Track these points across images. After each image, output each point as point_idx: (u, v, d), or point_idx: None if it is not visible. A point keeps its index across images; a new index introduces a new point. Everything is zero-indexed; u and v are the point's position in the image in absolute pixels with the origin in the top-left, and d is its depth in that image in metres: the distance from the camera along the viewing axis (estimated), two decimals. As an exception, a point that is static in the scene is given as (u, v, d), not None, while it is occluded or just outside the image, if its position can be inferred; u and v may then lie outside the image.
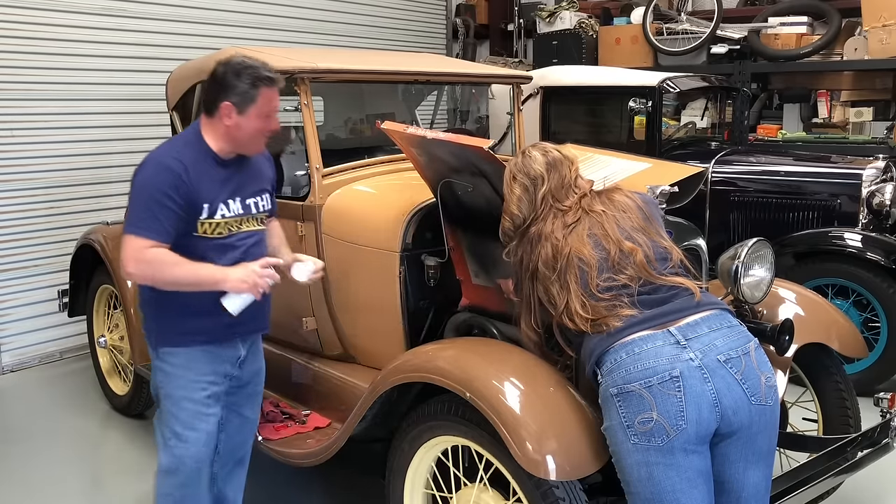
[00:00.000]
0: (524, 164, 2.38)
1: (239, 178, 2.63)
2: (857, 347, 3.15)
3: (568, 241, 2.21)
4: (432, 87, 4.76)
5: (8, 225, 5.17)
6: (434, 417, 2.49)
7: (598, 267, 2.17)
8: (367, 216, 3.16)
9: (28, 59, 5.13)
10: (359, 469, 3.58)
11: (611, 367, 2.07)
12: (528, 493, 2.24)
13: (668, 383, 1.97)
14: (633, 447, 2.01)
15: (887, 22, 6.07)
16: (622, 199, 2.32)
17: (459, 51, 8.83)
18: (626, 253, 2.18)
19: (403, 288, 3.00)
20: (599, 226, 2.23)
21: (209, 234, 2.53)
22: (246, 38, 6.25)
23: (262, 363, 2.89)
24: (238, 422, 2.83)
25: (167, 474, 2.66)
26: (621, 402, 2.02)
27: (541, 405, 2.27)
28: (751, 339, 2.12)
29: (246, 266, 2.48)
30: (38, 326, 5.37)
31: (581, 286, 2.16)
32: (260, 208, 2.69)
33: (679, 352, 2.01)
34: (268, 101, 2.53)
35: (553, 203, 2.31)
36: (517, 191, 2.35)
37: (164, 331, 2.62)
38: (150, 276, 2.47)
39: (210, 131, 2.57)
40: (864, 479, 3.01)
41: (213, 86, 2.54)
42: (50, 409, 4.66)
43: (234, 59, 2.53)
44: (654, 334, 2.06)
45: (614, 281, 2.15)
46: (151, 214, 2.42)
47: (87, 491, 3.69)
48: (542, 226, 2.28)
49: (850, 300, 4.52)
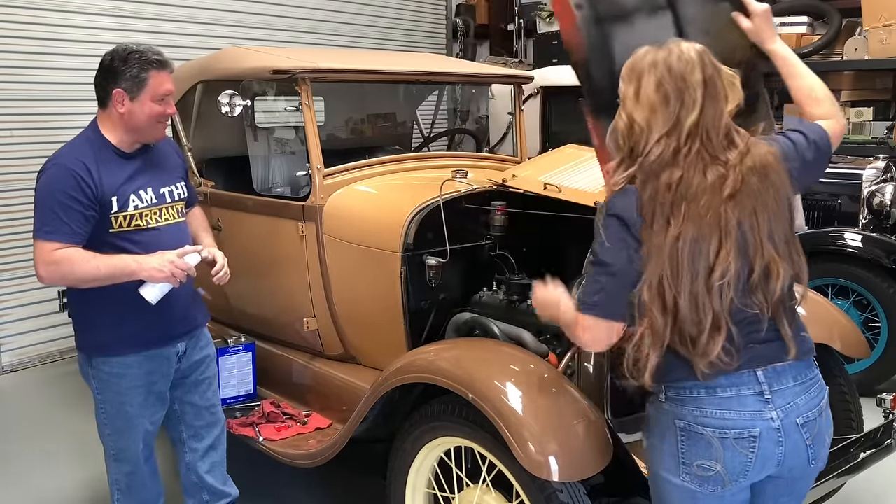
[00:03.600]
0: (675, 63, 1.73)
1: (147, 168, 2.60)
2: (859, 348, 3.15)
3: (720, 224, 1.68)
4: (433, 87, 4.76)
5: (8, 225, 5.17)
6: (436, 418, 2.49)
7: (735, 286, 1.71)
8: (369, 216, 3.16)
9: (28, 59, 5.12)
10: (360, 470, 3.58)
11: (684, 397, 1.80)
12: (530, 495, 2.24)
13: (745, 441, 1.76)
14: (681, 482, 1.83)
15: (887, 22, 6.07)
16: (777, 176, 1.74)
17: (459, 51, 8.82)
18: (770, 275, 1.73)
19: (405, 288, 3.00)
20: (752, 215, 1.71)
21: (126, 226, 2.50)
22: (246, 38, 6.25)
23: (208, 352, 2.85)
24: (191, 410, 2.83)
25: (114, 460, 2.74)
26: (685, 438, 1.80)
27: (543, 406, 2.27)
28: (825, 392, 1.90)
29: (163, 254, 2.45)
30: (38, 326, 5.37)
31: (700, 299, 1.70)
32: (175, 196, 2.66)
33: (762, 407, 1.77)
34: (159, 83, 2.50)
35: (704, 146, 1.71)
36: (650, 92, 1.73)
37: (96, 340, 2.59)
38: (62, 277, 2.44)
39: (107, 124, 2.55)
40: (866, 480, 3.00)
41: (102, 75, 2.52)
42: (50, 409, 4.65)
43: (120, 46, 2.51)
44: (740, 376, 1.77)
45: (744, 313, 1.75)
46: (56, 217, 2.40)
47: (86, 491, 3.69)
48: (688, 175, 1.69)
49: (851, 300, 4.52)
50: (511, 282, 2.96)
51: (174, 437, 2.90)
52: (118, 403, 2.62)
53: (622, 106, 1.81)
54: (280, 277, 3.52)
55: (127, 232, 2.51)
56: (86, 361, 2.63)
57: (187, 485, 2.93)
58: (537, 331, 2.82)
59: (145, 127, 2.54)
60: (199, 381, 2.82)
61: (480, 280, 3.14)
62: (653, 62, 1.75)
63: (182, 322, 2.68)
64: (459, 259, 3.02)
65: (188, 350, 2.75)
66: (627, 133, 1.78)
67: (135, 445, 2.69)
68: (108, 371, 2.59)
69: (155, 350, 2.61)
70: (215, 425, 2.90)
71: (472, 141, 5.54)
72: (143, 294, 2.44)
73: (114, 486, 2.79)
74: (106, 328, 2.56)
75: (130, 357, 2.58)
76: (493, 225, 3.07)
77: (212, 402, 2.88)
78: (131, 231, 2.52)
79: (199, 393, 2.83)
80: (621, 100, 1.81)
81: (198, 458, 2.88)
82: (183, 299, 2.63)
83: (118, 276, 2.42)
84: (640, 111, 1.75)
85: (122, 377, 2.59)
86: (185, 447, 2.88)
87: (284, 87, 3.35)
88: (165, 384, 2.70)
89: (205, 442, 2.87)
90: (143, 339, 2.58)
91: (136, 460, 2.72)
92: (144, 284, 2.44)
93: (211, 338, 2.91)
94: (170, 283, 2.44)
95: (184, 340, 2.72)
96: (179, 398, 2.81)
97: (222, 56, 3.79)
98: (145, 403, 2.64)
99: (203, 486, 2.90)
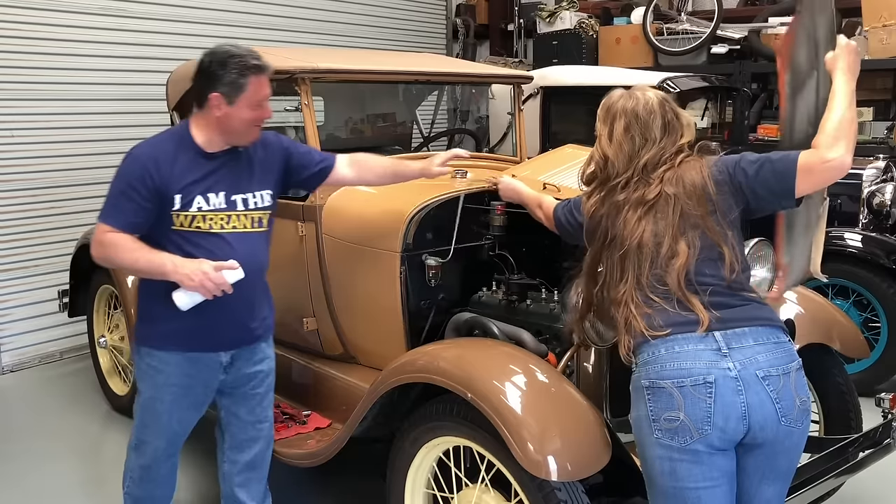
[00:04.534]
0: (642, 112, 2.18)
1: (228, 171, 2.56)
2: (859, 348, 3.15)
3: (640, 224, 2.10)
4: (433, 87, 4.76)
5: (8, 225, 5.16)
6: (435, 418, 2.49)
7: (651, 262, 2.08)
8: (368, 216, 3.16)
9: (28, 59, 5.12)
10: (359, 469, 3.58)
11: (647, 359, 2.03)
12: (529, 494, 2.24)
13: (701, 388, 1.94)
14: (655, 441, 1.99)
15: (887, 22, 6.07)
16: (693, 177, 2.13)
17: (459, 51, 8.82)
18: (674, 254, 2.06)
19: (404, 288, 3.00)
20: (665, 212, 2.10)
21: (187, 227, 2.49)
22: (246, 38, 6.24)
23: (263, 367, 2.78)
24: (236, 422, 2.81)
25: (133, 449, 2.75)
26: (651, 395, 2.00)
27: (542, 406, 2.27)
28: (794, 360, 2.04)
29: (200, 262, 2.40)
30: (38, 326, 5.37)
31: (635, 278, 2.09)
32: (250, 205, 2.58)
33: (718, 359, 1.96)
34: (258, 89, 2.48)
35: (647, 171, 2.15)
36: (620, 133, 2.19)
37: (146, 330, 2.63)
38: (106, 258, 2.49)
39: (200, 123, 2.55)
40: (865, 479, 3.00)
41: (200, 78, 2.51)
42: (50, 409, 4.65)
43: (220, 49, 2.49)
44: (696, 336, 1.99)
45: (662, 284, 2.06)
46: (116, 203, 2.47)
47: (86, 491, 3.69)
48: (633, 194, 2.14)
49: (851, 300, 4.52)
50: (510, 282, 2.96)
51: (218, 443, 2.89)
52: (150, 397, 2.64)
53: (598, 142, 2.25)
54: (279, 277, 3.51)
55: (188, 232, 2.49)
56: (135, 349, 2.68)
57: (224, 492, 2.92)
58: (536, 331, 2.82)
59: (241, 131, 2.53)
60: (249, 396, 2.77)
61: (480, 280, 3.14)
62: (623, 109, 2.20)
63: (231, 332, 2.62)
64: (459, 259, 3.02)
65: (236, 362, 2.69)
66: (602, 166, 2.23)
67: (156, 442, 2.69)
68: (148, 363, 2.61)
69: (196, 354, 2.59)
70: (258, 441, 2.84)
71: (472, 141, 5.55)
72: (175, 299, 2.41)
73: (127, 473, 2.81)
74: (156, 321, 2.58)
75: (172, 355, 2.58)
76: (492, 225, 3.07)
77: (259, 417, 2.82)
78: (192, 232, 2.49)
79: (248, 407, 2.79)
80: (597, 136, 2.26)
81: (235, 470, 2.85)
82: (236, 310, 2.57)
83: (154, 272, 2.43)
84: (612, 150, 2.20)
85: (160, 372, 2.59)
86: (224, 456, 2.86)
87: (284, 87, 3.35)
88: (204, 392, 2.67)
89: (244, 456, 2.83)
90: (187, 340, 2.56)
91: (154, 456, 2.72)
92: (178, 289, 2.41)
93: (272, 354, 2.83)
94: (200, 293, 2.40)
95: (230, 351, 2.65)
96: (226, 407, 2.78)
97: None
98: (176, 405, 2.63)
99: (234, 499, 2.88)
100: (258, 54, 2.50)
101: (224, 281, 2.40)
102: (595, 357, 2.63)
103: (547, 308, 2.85)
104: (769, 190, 2.11)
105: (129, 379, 4.33)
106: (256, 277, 2.61)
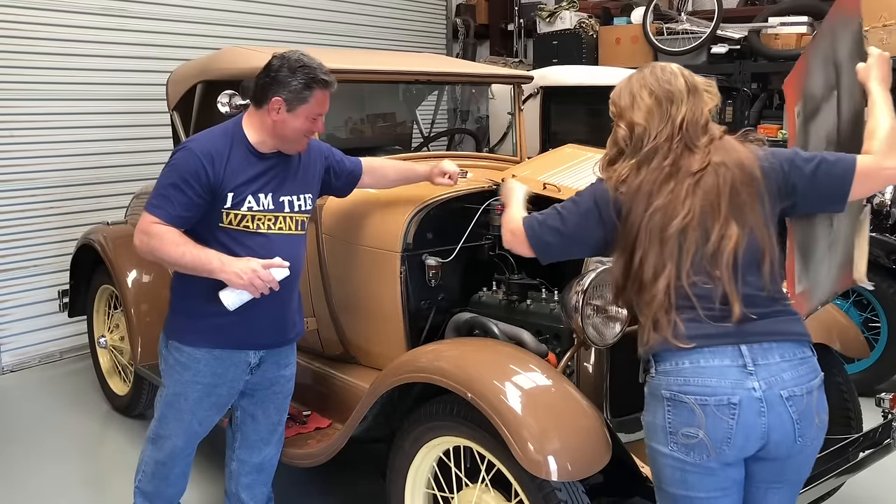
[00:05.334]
0: (660, 74, 2.05)
1: (277, 173, 2.58)
2: (859, 348, 3.15)
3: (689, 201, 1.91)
4: (433, 87, 4.76)
5: (8, 225, 5.16)
6: (435, 418, 2.49)
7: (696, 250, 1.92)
8: (368, 216, 3.16)
9: (28, 59, 5.12)
10: (359, 469, 3.58)
11: (669, 368, 1.93)
12: (529, 494, 2.24)
13: (725, 408, 1.86)
14: (669, 452, 1.93)
15: (887, 22, 6.07)
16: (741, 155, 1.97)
17: (459, 51, 8.82)
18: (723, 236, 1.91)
19: (404, 288, 3.00)
20: (713, 188, 1.92)
21: (235, 225, 2.50)
22: (246, 38, 6.25)
23: (286, 373, 2.80)
24: (251, 423, 2.82)
25: (151, 442, 2.75)
26: (671, 407, 1.92)
27: (542, 406, 2.27)
28: (817, 375, 1.98)
29: (248, 261, 2.41)
30: (38, 326, 5.37)
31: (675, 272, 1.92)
32: (295, 208, 2.61)
33: (744, 378, 1.88)
34: (319, 103, 2.51)
35: (688, 135, 1.98)
36: (646, 99, 2.03)
37: (176, 324, 2.63)
38: (150, 250, 2.44)
39: (254, 122, 2.55)
40: (865, 479, 3.00)
41: (266, 78, 2.51)
42: (50, 409, 4.65)
43: (292, 54, 2.50)
44: (723, 350, 1.90)
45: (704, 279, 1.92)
46: (166, 196, 2.43)
47: (86, 491, 3.69)
48: (681, 160, 1.96)
49: (851, 300, 4.52)
50: (510, 282, 2.96)
51: (228, 441, 2.89)
52: (174, 394, 2.63)
53: (619, 119, 2.09)
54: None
55: (235, 231, 2.50)
56: (163, 342, 2.67)
57: (228, 490, 2.93)
58: (537, 331, 2.82)
59: (291, 139, 2.54)
60: (270, 399, 2.79)
61: (480, 280, 3.14)
62: (641, 78, 2.07)
63: (263, 333, 2.63)
64: (459, 259, 3.02)
65: (264, 364, 2.70)
66: (629, 135, 2.05)
67: (175, 439, 2.68)
68: (176, 358, 2.60)
69: (227, 351, 2.59)
70: (270, 444, 2.86)
71: (472, 141, 5.54)
72: (222, 298, 2.41)
73: (141, 465, 2.81)
74: (187, 316, 2.58)
75: (201, 351, 2.57)
76: (492, 225, 3.07)
77: (274, 421, 2.84)
78: (239, 231, 2.50)
79: (264, 409, 2.81)
80: (616, 116, 2.10)
81: (243, 471, 2.86)
82: (272, 310, 2.58)
83: (199, 269, 2.41)
84: (638, 114, 2.03)
85: (187, 368, 2.59)
86: (234, 455, 2.87)
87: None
88: (229, 392, 2.67)
89: (254, 457, 2.85)
90: (219, 337, 2.56)
91: (170, 453, 2.71)
92: (225, 288, 2.41)
93: (295, 360, 2.86)
94: (249, 291, 2.41)
95: (259, 351, 2.67)
96: (245, 408, 2.79)
97: (222, 56, 3.79)
98: (200, 403, 2.63)
99: (238, 499, 2.89)
100: (327, 70, 2.52)
101: (273, 279, 2.42)
102: (595, 357, 2.63)
103: (547, 308, 2.85)
104: (820, 192, 2.01)
105: (129, 379, 4.33)
106: (294, 280, 2.62)
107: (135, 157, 5.63)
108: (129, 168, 5.59)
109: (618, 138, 2.07)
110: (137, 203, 4.69)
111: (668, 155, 1.97)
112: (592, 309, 2.46)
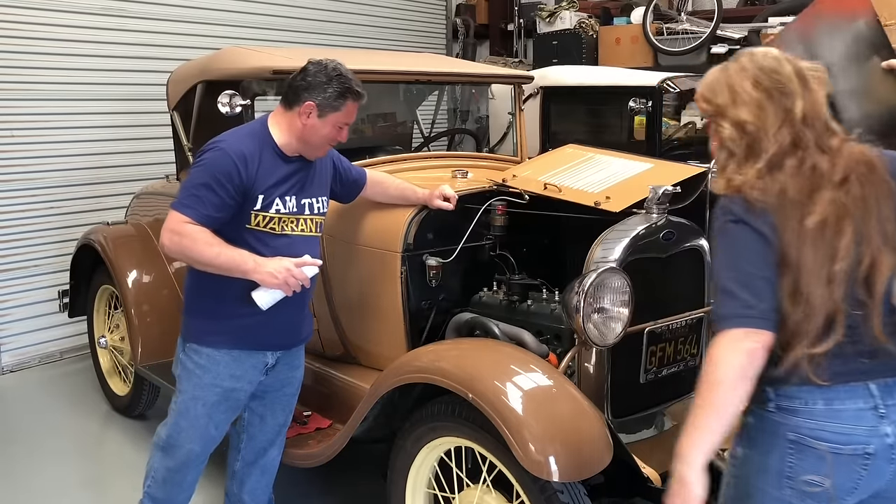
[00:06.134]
0: (762, 61, 1.74)
1: (301, 176, 2.61)
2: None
3: (843, 222, 1.63)
4: (433, 87, 4.76)
5: (8, 225, 5.16)
6: (436, 418, 2.49)
7: (849, 277, 1.65)
8: (369, 216, 3.16)
9: (28, 59, 5.12)
10: (360, 470, 3.58)
11: (798, 406, 1.70)
12: (530, 495, 2.24)
13: (860, 458, 1.67)
14: (780, 495, 1.73)
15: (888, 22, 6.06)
16: (874, 159, 1.70)
17: (459, 51, 8.82)
18: (875, 269, 1.66)
19: (405, 288, 3.00)
20: (862, 206, 1.65)
21: (262, 227, 2.52)
22: (246, 38, 6.25)
23: (297, 374, 2.84)
24: (258, 423, 2.83)
25: (161, 450, 2.71)
26: (795, 451, 1.70)
27: (544, 406, 2.27)
28: None
29: (280, 260, 2.43)
30: (38, 326, 5.36)
31: (832, 304, 1.65)
32: (315, 210, 2.66)
33: (878, 423, 1.68)
34: (348, 113, 2.56)
35: (815, 133, 1.70)
36: (751, 91, 1.72)
37: (194, 326, 2.62)
38: (181, 249, 2.43)
39: (281, 123, 2.57)
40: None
41: (301, 81, 2.53)
42: (50, 409, 4.65)
43: (330, 63, 2.55)
44: (855, 389, 1.69)
45: (852, 316, 1.66)
46: (197, 196, 2.43)
47: (87, 491, 3.69)
48: (819, 166, 1.66)
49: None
50: (511, 282, 2.96)
51: (232, 441, 2.89)
52: (191, 398, 2.61)
53: (720, 118, 1.77)
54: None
55: (261, 232, 2.52)
56: (180, 345, 2.66)
57: (229, 490, 2.93)
58: (537, 331, 2.82)
59: (316, 145, 2.58)
60: (279, 400, 2.82)
61: (481, 280, 3.14)
62: (740, 67, 1.75)
63: (281, 333, 2.65)
64: (460, 259, 3.02)
65: (278, 364, 2.72)
66: (739, 135, 1.73)
67: (190, 445, 2.66)
68: (195, 361, 2.59)
69: (244, 352, 2.59)
70: (275, 445, 2.88)
71: (472, 141, 5.54)
72: (255, 298, 2.42)
73: (150, 472, 2.78)
74: (206, 317, 2.58)
75: (221, 352, 2.57)
76: (493, 225, 3.07)
77: (280, 422, 2.86)
78: (265, 233, 2.52)
79: (272, 411, 2.82)
80: (714, 115, 1.79)
81: (246, 471, 2.87)
82: (289, 310, 2.59)
83: (233, 269, 2.42)
84: (745, 111, 1.72)
85: (207, 371, 2.58)
86: (239, 455, 2.87)
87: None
88: (244, 394, 2.67)
89: (258, 458, 2.86)
90: (238, 337, 2.56)
91: (186, 460, 2.69)
92: (258, 288, 2.42)
93: (304, 361, 2.89)
94: (282, 290, 2.42)
95: (277, 352, 2.69)
96: (254, 409, 2.80)
97: (222, 56, 3.78)
98: (217, 407, 2.62)
99: (238, 499, 2.90)
100: (360, 82, 2.58)
101: (306, 277, 2.46)
102: (596, 357, 2.62)
103: (548, 308, 2.85)
104: None
105: (130, 379, 4.33)
106: (313, 281, 2.63)
107: (135, 157, 5.63)
108: (130, 168, 5.59)
109: (724, 139, 1.76)
110: (138, 203, 4.69)
111: (804, 160, 1.69)
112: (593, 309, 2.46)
